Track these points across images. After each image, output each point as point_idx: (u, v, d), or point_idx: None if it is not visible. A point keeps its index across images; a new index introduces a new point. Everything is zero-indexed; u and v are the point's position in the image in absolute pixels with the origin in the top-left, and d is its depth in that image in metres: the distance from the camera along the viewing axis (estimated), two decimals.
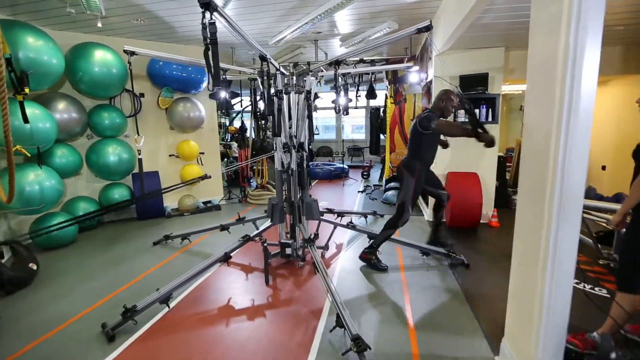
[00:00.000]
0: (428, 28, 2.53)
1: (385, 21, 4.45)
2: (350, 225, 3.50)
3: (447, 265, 3.31)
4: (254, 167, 6.44)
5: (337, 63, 2.86)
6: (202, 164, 5.65)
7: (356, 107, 5.87)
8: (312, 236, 3.18)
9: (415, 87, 5.34)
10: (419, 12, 4.15)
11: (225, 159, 7.49)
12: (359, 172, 9.22)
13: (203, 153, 5.71)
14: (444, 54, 4.32)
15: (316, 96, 3.50)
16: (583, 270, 3.19)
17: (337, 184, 8.11)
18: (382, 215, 5.08)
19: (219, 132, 7.71)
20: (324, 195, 6.85)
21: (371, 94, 5.87)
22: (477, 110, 4.16)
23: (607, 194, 4.98)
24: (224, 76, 3.25)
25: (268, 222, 3.61)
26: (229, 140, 8.01)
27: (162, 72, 5.03)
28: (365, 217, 4.85)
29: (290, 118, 3.31)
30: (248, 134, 6.76)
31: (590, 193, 5.28)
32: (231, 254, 2.90)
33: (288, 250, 3.30)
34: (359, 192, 7.11)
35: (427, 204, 4.97)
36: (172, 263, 3.48)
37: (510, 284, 1.94)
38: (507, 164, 5.99)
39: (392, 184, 6.24)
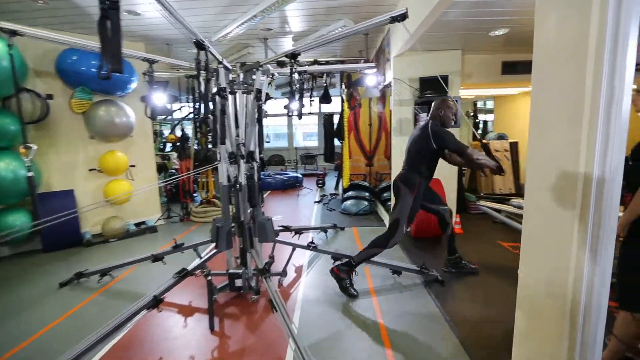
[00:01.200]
0: (404, 17, 2.19)
1: (340, 19, 4.12)
2: (312, 246, 3.03)
3: (421, 283, 2.99)
4: (198, 180, 5.68)
5: (292, 56, 2.40)
6: (132, 179, 4.78)
7: (310, 113, 5.47)
8: (266, 265, 2.64)
9: (371, 90, 5.09)
10: (377, 10, 3.88)
11: (164, 172, 6.57)
12: (314, 180, 8.84)
13: (134, 166, 4.84)
14: (404, 55, 4.10)
15: (268, 97, 3.00)
16: None
17: (291, 195, 7.60)
18: (342, 228, 4.70)
19: (156, 142, 6.78)
20: (278, 208, 6.30)
21: (326, 99, 5.49)
22: None
23: None
24: (153, 72, 2.59)
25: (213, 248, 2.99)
26: (168, 150, 7.09)
27: (76, 68, 4.13)
28: (325, 231, 4.42)
29: (237, 123, 2.77)
30: (191, 143, 6.00)
31: None
32: (162, 297, 2.24)
33: (238, 282, 2.72)
34: (315, 202, 6.69)
35: (389, 212, 4.71)
36: (85, 311, 2.68)
37: (516, 327, 1.61)
38: (462, 168, 6.02)
39: (350, 193, 5.91)
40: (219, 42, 4.56)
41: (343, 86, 6.05)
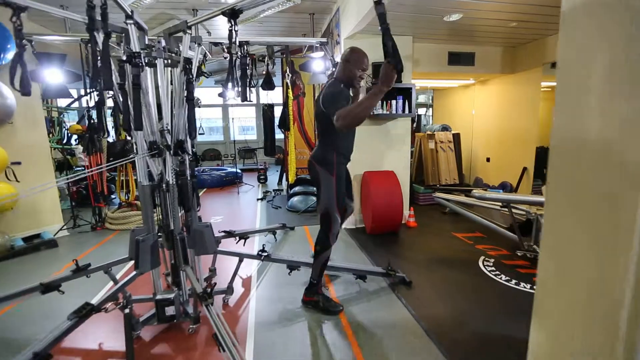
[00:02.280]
0: None
1: None
2: (263, 255, 2.53)
3: (388, 287, 2.71)
4: (116, 179, 4.69)
5: (232, 14, 1.85)
6: (16, 180, 3.66)
7: (249, 100, 4.87)
8: (207, 286, 2.07)
9: (319, 76, 4.67)
10: None
11: (67, 171, 5.34)
12: (254, 176, 8.20)
13: (18, 163, 3.71)
14: (355, 38, 3.76)
15: (201, 72, 2.38)
16: (508, 265, 3.07)
17: (230, 192, 6.88)
18: (292, 228, 4.25)
19: (54, 132, 5.48)
20: (216, 209, 5.57)
21: (268, 85, 4.95)
22: (393, 102, 3.75)
23: (493, 183, 5.39)
24: (21, 25, 1.77)
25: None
26: (73, 143, 5.79)
27: None
28: (274, 233, 3.92)
29: (160, 105, 2.12)
30: (107, 134, 4.92)
31: (479, 183, 5.68)
32: (48, 353, 1.54)
33: (170, 310, 2.10)
34: (258, 200, 6.11)
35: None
36: None
37: (531, 344, 1.33)
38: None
39: (297, 189, 5.47)
40: (134, 7, 3.68)
41: (287, 71, 5.54)
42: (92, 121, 4.18)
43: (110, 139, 4.68)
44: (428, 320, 2.25)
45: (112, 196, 5.60)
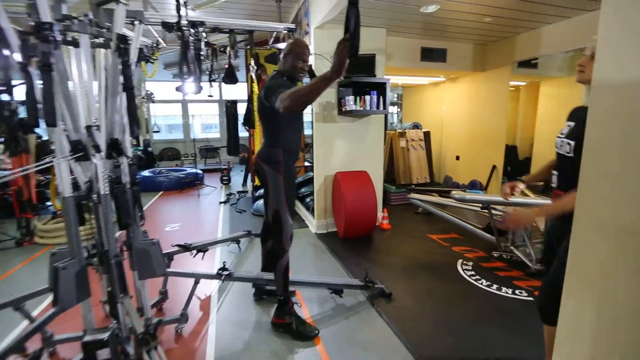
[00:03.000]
0: None
1: None
2: (224, 275, 2.15)
3: (366, 300, 2.45)
4: (50, 183, 4.01)
5: None
6: None
7: (210, 96, 4.42)
8: (149, 327, 1.66)
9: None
10: None
11: None
12: (217, 176, 7.66)
13: None
14: (325, 27, 3.46)
15: (143, 55, 1.95)
16: (487, 268, 2.96)
17: (190, 195, 6.32)
18: (258, 235, 3.86)
19: None
20: (173, 215, 5.03)
21: (231, 78, 4.51)
22: (367, 98, 3.50)
23: (462, 182, 5.37)
24: None
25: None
26: None
27: None
28: (238, 242, 3.53)
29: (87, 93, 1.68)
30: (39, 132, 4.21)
31: (449, 181, 5.65)
32: None
33: (103, 354, 1.67)
34: (221, 203, 5.63)
35: (309, 210, 4.10)
36: None
37: None
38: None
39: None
40: None
41: (252, 64, 5.12)
42: (13, 114, 3.49)
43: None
44: (411, 338, 2.03)
45: (48, 203, 4.85)
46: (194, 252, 2.75)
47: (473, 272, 2.92)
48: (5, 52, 1.41)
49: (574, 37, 3.55)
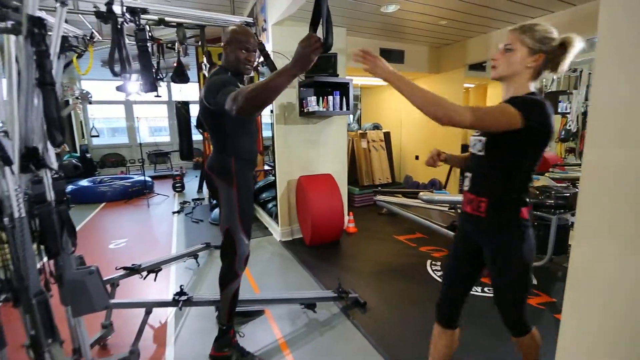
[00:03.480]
0: None
1: None
2: (182, 301, 1.87)
3: (341, 312, 2.31)
4: None
5: None
6: None
7: (157, 96, 4.00)
8: None
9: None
10: None
11: None
12: (169, 183, 7.10)
13: None
14: (284, 24, 3.28)
15: (68, 44, 1.61)
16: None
17: (138, 206, 5.74)
18: (218, 247, 3.57)
19: None
20: (118, 229, 4.50)
21: (181, 77, 4.12)
22: (330, 98, 3.37)
23: (422, 181, 5.49)
24: None
25: None
26: None
27: None
28: (195, 256, 3.21)
29: None
30: None
31: (409, 181, 5.74)
32: None
33: None
34: (174, 213, 5.18)
35: (272, 216, 3.88)
36: None
37: None
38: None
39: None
40: None
41: (204, 62, 4.76)
42: None
43: None
44: (391, 349, 1.93)
45: None
46: (144, 273, 2.40)
47: (442, 272, 2.92)
48: None
49: None
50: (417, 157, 5.61)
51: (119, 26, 1.31)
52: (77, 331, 1.66)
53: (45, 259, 1.48)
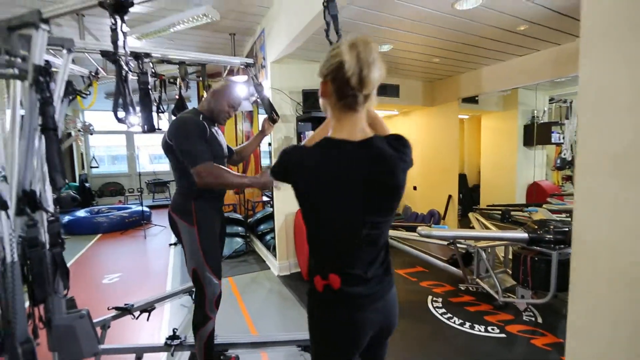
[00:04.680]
0: None
1: (201, 4, 3.09)
2: (175, 345, 1.80)
3: None
4: None
5: (117, 8, 1.26)
6: None
7: (158, 129, 4.08)
8: None
9: (242, 103, 4.17)
10: (251, 1, 3.08)
11: None
12: (167, 213, 7.03)
13: None
14: (283, 62, 3.40)
15: (72, 89, 1.66)
16: (456, 304, 2.91)
17: (134, 237, 5.67)
18: None
19: None
20: (113, 262, 4.41)
21: (181, 110, 4.22)
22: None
23: (421, 212, 5.47)
24: None
25: None
26: None
27: None
28: (191, 293, 3.11)
29: None
30: None
31: (408, 212, 5.73)
32: None
33: None
34: (171, 245, 5.10)
35: (270, 249, 3.82)
36: None
37: None
38: None
39: None
40: None
41: (204, 96, 4.90)
42: None
43: None
44: None
45: None
46: (137, 313, 2.33)
47: (444, 310, 2.84)
48: None
49: (509, 78, 3.92)
50: (415, 188, 5.63)
51: (123, 76, 1.35)
52: None
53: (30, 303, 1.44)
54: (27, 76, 1.36)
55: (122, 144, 9.98)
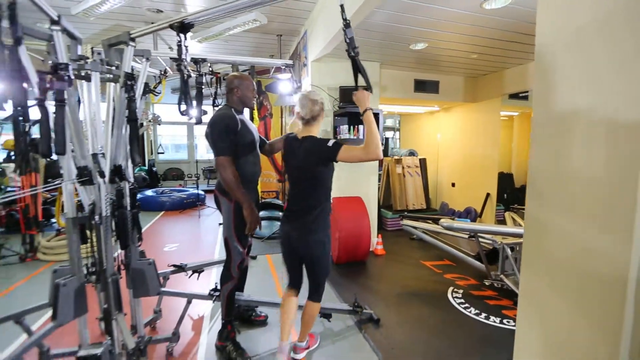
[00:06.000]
0: None
1: (251, 10, 3.48)
2: (215, 296, 2.23)
3: (355, 325, 2.50)
4: (56, 201, 4.17)
5: (182, 28, 1.66)
6: None
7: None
8: (140, 342, 1.74)
9: (285, 98, 4.57)
10: (295, 5, 3.41)
11: None
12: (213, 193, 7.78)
13: None
14: (322, 61, 3.69)
15: (148, 89, 2.14)
16: (477, 296, 2.99)
17: (191, 215, 6.44)
18: (254, 257, 3.95)
19: None
20: (172, 235, 5.13)
21: None
22: (361, 127, 3.68)
23: (458, 208, 5.44)
24: None
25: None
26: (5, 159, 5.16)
27: None
28: None
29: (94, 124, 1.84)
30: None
31: (445, 208, 5.72)
32: None
33: None
34: (220, 224, 5.72)
35: None
36: None
37: None
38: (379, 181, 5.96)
39: (262, 213, 5.19)
40: (84, 16, 3.37)
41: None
42: (23, 137, 3.71)
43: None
44: None
45: (52, 220, 4.99)
46: (189, 272, 2.83)
47: (463, 301, 2.95)
48: (25, 85, 1.57)
49: None
50: (453, 185, 5.60)
51: (185, 79, 1.75)
52: (136, 311, 2.08)
53: (119, 250, 1.94)
54: (119, 80, 1.82)
55: (183, 134, 11.09)
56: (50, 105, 1.55)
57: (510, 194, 6.17)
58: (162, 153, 9.25)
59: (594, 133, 0.91)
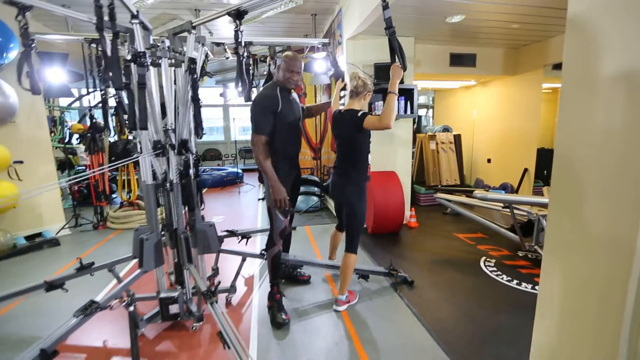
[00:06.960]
0: None
1: None
2: (265, 254, 2.53)
3: (390, 286, 2.72)
4: (117, 178, 4.70)
5: (238, 15, 1.86)
6: (18, 179, 3.67)
7: (251, 100, 4.88)
8: (211, 286, 2.08)
9: (320, 77, 4.68)
10: None
11: (69, 170, 5.36)
12: (255, 176, 8.19)
13: (20, 162, 3.73)
14: (357, 38, 3.77)
15: (205, 72, 2.39)
16: (509, 265, 3.09)
17: (231, 192, 6.89)
18: (294, 228, 4.25)
19: (56, 131, 5.50)
20: (217, 208, 5.59)
21: None
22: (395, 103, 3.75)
23: (494, 184, 5.39)
24: (27, 24, 1.77)
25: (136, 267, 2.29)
26: (74, 142, 5.81)
27: None
28: None
29: (163, 104, 2.13)
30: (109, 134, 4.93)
31: (480, 184, 5.68)
32: (55, 349, 1.55)
33: (174, 308, 2.11)
34: (259, 200, 6.12)
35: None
36: None
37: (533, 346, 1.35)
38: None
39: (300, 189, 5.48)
40: (136, 6, 3.68)
41: None
42: (94, 120, 4.20)
43: (112, 139, 4.69)
44: (430, 319, 2.26)
45: (114, 195, 5.61)
46: (239, 237, 3.17)
47: (495, 269, 3.06)
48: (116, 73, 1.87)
49: None
50: (489, 160, 5.53)
51: (242, 62, 1.96)
52: (200, 266, 2.43)
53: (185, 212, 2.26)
54: (180, 65, 2.08)
55: (219, 117, 11.57)
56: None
57: (551, 170, 5.96)
58: (204, 134, 9.76)
59: (632, 96, 0.98)
